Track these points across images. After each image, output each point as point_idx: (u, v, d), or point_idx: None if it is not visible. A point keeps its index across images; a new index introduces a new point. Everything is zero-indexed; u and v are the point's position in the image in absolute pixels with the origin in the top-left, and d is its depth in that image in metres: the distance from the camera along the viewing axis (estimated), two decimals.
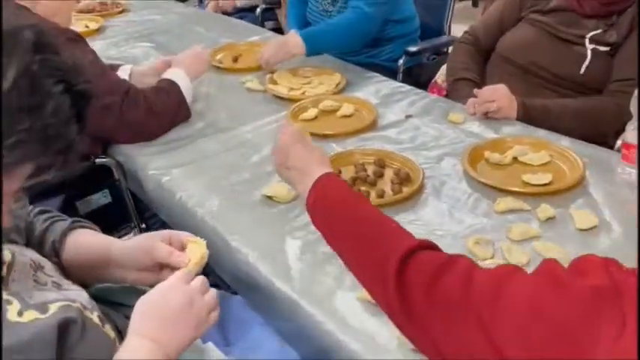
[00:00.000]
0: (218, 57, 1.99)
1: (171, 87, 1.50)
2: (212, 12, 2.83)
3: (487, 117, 1.49)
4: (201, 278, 0.78)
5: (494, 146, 1.33)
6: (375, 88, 1.73)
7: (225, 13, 2.80)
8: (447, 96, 1.80)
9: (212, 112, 1.62)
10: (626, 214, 1.08)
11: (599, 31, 1.53)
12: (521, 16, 1.70)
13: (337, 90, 1.72)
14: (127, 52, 2.09)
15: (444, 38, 2.18)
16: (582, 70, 1.52)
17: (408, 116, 1.55)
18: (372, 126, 1.50)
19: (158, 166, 1.37)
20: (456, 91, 1.73)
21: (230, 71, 1.90)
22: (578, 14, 1.57)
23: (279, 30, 2.76)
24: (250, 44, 2.10)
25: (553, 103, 1.52)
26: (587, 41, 1.53)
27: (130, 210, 1.56)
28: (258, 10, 2.72)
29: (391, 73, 2.06)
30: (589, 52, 1.52)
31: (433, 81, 1.91)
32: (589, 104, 1.51)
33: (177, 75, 1.54)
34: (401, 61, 2.05)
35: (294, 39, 1.81)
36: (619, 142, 1.50)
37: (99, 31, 2.31)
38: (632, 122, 1.17)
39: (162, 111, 1.46)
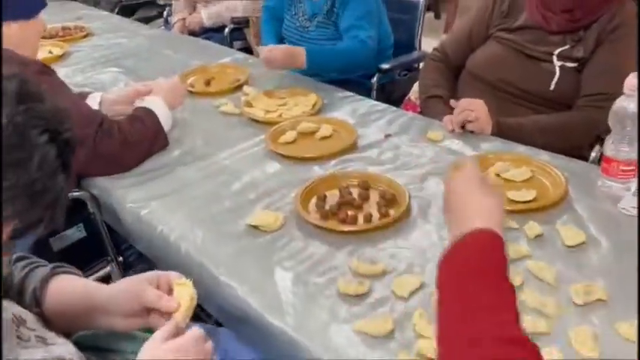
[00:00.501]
0: (189, 81, 1.96)
1: (148, 115, 1.46)
2: (179, 33, 2.78)
3: (464, 129, 1.50)
4: (197, 332, 0.76)
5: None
6: (351, 108, 1.73)
7: (192, 33, 2.76)
8: (420, 113, 1.81)
9: (188, 138, 1.58)
10: (612, 229, 1.09)
11: (566, 47, 1.56)
12: (489, 33, 1.72)
13: (314, 111, 1.71)
14: (93, 78, 2.04)
15: (415, 54, 2.21)
16: (552, 87, 1.55)
17: (387, 135, 1.55)
18: (353, 147, 1.49)
19: (135, 198, 1.32)
20: (428, 109, 1.74)
21: (203, 95, 1.86)
22: (545, 31, 1.60)
23: (248, 50, 2.73)
24: (222, 66, 2.07)
25: (526, 120, 1.54)
26: (555, 58, 1.56)
27: (107, 243, 1.50)
28: (227, 30, 2.69)
29: (365, 89, 2.07)
30: (557, 69, 1.55)
31: (407, 98, 1.92)
32: (561, 120, 1.53)
33: (154, 103, 1.50)
34: (374, 79, 2.06)
35: (299, 52, 1.86)
36: (593, 154, 1.54)
37: (63, 57, 2.24)
38: (610, 136, 1.19)
39: (138, 141, 1.41)
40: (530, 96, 1.60)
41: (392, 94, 2.14)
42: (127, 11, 3.23)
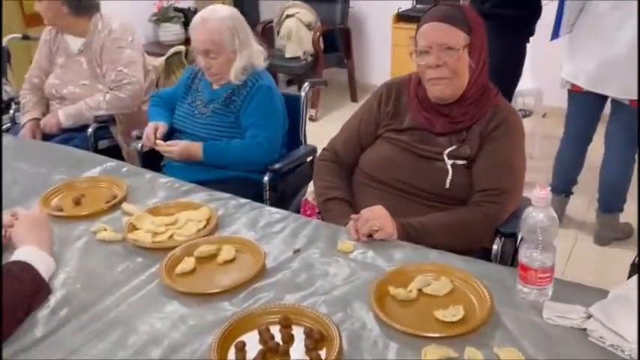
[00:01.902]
0: (54, 201, 1.69)
1: (24, 271, 1.21)
2: (29, 135, 2.45)
3: (371, 238, 1.46)
4: None
5: (396, 280, 1.28)
6: (249, 219, 1.60)
7: (47, 136, 2.44)
8: (319, 213, 1.75)
9: (63, 282, 1.32)
10: (546, 345, 1.08)
11: (453, 147, 1.61)
12: (379, 133, 1.72)
13: (210, 228, 1.54)
14: None
15: (302, 149, 2.16)
16: (447, 185, 1.58)
17: (296, 251, 1.44)
18: (262, 271, 1.36)
19: None
20: (329, 212, 1.68)
21: (74, 219, 1.61)
22: (431, 132, 1.64)
23: (115, 148, 2.49)
24: (93, 180, 1.83)
25: (427, 220, 1.54)
26: (445, 157, 1.60)
27: None
28: (90, 129, 2.42)
29: (256, 185, 1.98)
30: (450, 167, 1.58)
31: (304, 199, 1.84)
32: (460, 218, 1.54)
33: (28, 253, 1.25)
34: (266, 178, 1.97)
35: (196, 148, 2.00)
36: (495, 247, 1.57)
37: None
38: (523, 243, 1.20)
39: (12, 307, 1.14)
40: (426, 194, 1.61)
41: (285, 192, 2.06)
42: None
